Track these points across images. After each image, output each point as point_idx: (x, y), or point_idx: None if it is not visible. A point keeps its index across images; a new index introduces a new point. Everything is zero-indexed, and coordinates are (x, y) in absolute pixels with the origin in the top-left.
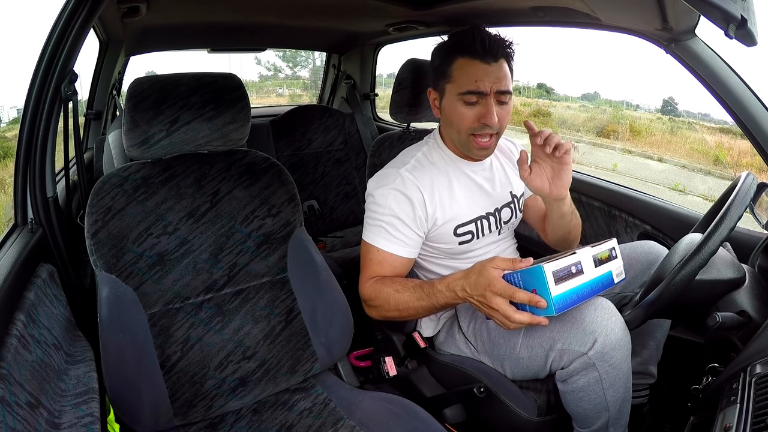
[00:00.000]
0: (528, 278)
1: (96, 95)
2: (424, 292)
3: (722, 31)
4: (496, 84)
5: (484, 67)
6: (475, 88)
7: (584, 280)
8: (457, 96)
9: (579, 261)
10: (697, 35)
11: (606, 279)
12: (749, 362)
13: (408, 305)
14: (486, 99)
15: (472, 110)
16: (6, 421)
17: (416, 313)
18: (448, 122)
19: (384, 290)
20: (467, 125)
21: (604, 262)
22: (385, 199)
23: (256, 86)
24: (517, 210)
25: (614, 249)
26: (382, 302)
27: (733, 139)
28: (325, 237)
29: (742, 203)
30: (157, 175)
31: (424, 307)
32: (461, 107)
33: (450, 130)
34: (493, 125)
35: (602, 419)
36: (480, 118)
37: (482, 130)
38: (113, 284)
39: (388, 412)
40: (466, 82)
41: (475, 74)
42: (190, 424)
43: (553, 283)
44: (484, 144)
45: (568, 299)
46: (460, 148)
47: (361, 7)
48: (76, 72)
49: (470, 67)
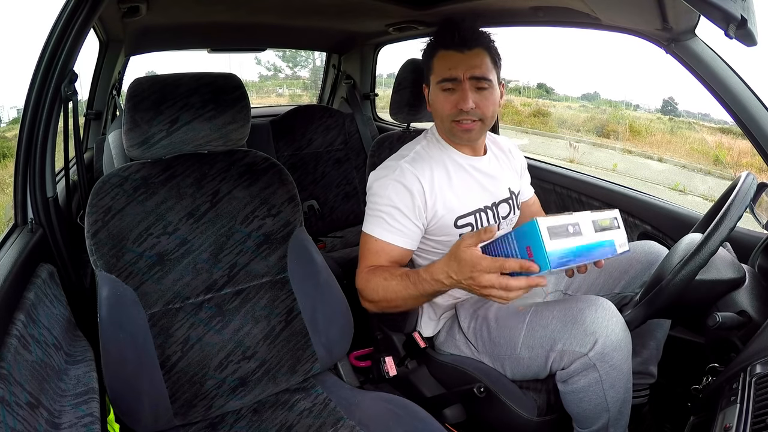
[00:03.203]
0: (521, 235)
1: (96, 95)
2: (410, 280)
3: (722, 31)
4: (469, 70)
5: (459, 56)
6: (449, 75)
7: (582, 242)
8: (437, 85)
9: (577, 222)
10: (697, 35)
11: (607, 246)
12: (749, 362)
13: (396, 294)
14: (460, 85)
15: (450, 98)
16: (6, 421)
17: (405, 303)
18: (434, 112)
19: (374, 279)
20: (447, 112)
21: (605, 230)
22: (385, 189)
23: (256, 86)
24: (515, 207)
25: (617, 219)
26: (372, 292)
27: (733, 139)
28: (325, 237)
29: (742, 203)
30: (157, 175)
31: (413, 296)
32: (440, 95)
33: (437, 120)
34: (467, 110)
35: (602, 420)
36: (456, 104)
37: (460, 116)
38: (113, 284)
39: (388, 412)
40: (442, 70)
41: (449, 62)
42: (190, 424)
43: (548, 238)
44: (465, 126)
45: (563, 257)
46: (448, 136)
47: (361, 7)
48: (76, 72)
49: (447, 57)
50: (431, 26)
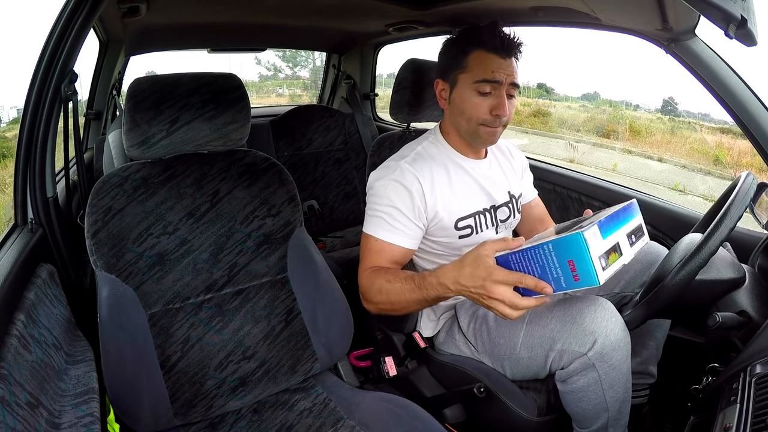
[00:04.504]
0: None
1: (96, 95)
2: (415, 283)
3: (722, 31)
4: (510, 77)
5: (500, 60)
6: (492, 77)
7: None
8: (472, 85)
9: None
10: (697, 35)
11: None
12: (749, 362)
13: (399, 297)
14: (499, 90)
15: (486, 101)
16: (6, 421)
17: (408, 306)
18: (459, 111)
19: (377, 281)
20: (479, 115)
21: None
22: (384, 189)
23: (256, 86)
24: (515, 210)
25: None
26: (375, 293)
27: (733, 139)
28: (325, 237)
29: (742, 203)
30: (157, 175)
31: (416, 300)
32: (475, 97)
33: (459, 119)
34: (504, 116)
35: (602, 419)
36: (493, 109)
37: (494, 123)
38: (113, 284)
39: (388, 412)
40: (483, 71)
41: (492, 65)
42: (190, 424)
43: (596, 255)
44: (492, 133)
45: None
46: (467, 137)
47: (361, 7)
48: (76, 72)
49: (488, 59)
50: (431, 26)
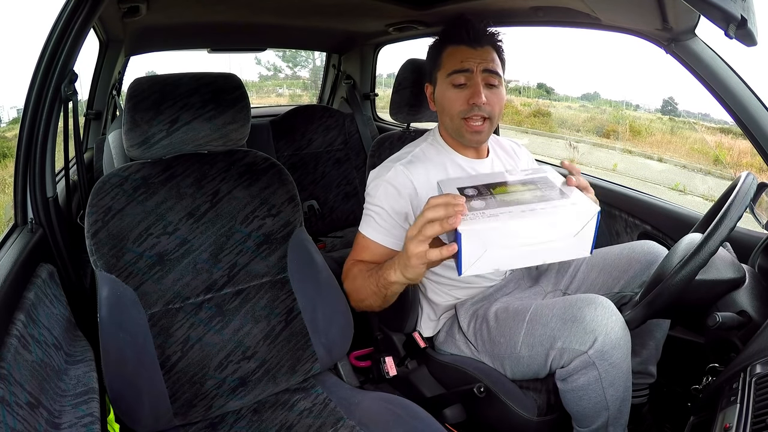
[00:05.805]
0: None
1: (96, 95)
2: (373, 272)
3: (722, 31)
4: (482, 64)
5: (470, 50)
6: (461, 66)
7: None
8: (446, 79)
9: None
10: (697, 35)
11: None
12: (749, 362)
13: (362, 286)
14: (473, 79)
15: (461, 93)
16: (6, 421)
17: (368, 297)
18: (441, 109)
19: (353, 270)
20: (457, 108)
21: None
22: (376, 190)
23: (256, 86)
24: None
25: None
26: (350, 284)
27: (733, 139)
28: (325, 237)
29: (742, 203)
30: (157, 175)
31: (372, 291)
32: (450, 91)
33: (444, 117)
34: (480, 105)
35: (602, 418)
36: (468, 99)
37: (471, 112)
38: (113, 284)
39: (388, 412)
40: (453, 63)
41: (461, 56)
42: (190, 424)
43: None
44: (476, 128)
45: None
46: (454, 135)
47: (361, 7)
48: (76, 72)
49: (457, 51)
50: (431, 26)
